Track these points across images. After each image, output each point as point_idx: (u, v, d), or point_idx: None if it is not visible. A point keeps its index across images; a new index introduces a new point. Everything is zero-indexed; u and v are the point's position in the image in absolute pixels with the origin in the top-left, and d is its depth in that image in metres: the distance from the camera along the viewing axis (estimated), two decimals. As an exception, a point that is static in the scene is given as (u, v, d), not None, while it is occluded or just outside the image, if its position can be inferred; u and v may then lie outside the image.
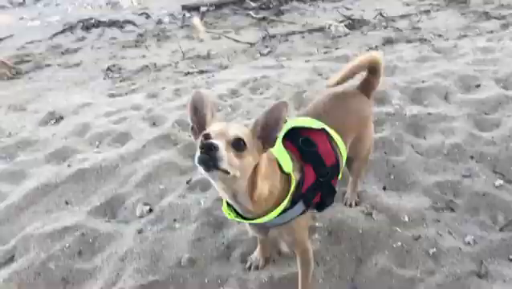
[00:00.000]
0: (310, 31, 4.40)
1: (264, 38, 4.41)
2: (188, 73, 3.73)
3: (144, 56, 4.36)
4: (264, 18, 5.10)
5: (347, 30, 4.24)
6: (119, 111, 3.10)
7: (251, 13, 5.31)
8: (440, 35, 3.88)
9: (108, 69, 4.09)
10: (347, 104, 1.76)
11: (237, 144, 1.20)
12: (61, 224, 2.07)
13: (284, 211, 1.40)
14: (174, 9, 5.82)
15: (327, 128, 1.59)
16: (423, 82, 3.01)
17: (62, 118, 3.14)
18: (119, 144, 2.74)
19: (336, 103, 1.75)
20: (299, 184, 1.43)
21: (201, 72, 3.72)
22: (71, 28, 5.32)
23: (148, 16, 5.66)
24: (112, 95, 3.45)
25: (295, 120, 1.60)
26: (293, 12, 5.24)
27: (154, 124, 2.90)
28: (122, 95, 3.44)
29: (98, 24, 5.34)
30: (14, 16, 5.97)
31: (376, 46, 3.85)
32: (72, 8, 6.02)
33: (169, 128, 2.79)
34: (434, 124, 2.56)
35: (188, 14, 5.52)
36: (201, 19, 5.30)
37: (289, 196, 1.40)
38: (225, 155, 1.15)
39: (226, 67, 3.79)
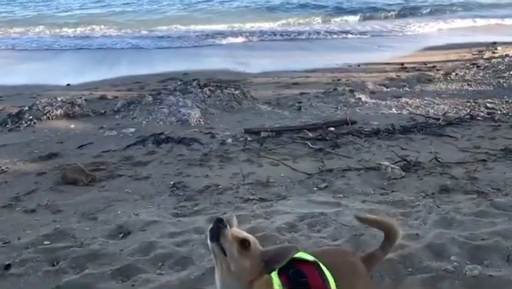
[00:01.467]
0: (367, 170, 4.59)
1: (321, 171, 4.64)
2: (248, 200, 3.95)
3: (207, 176, 4.68)
4: (320, 150, 5.41)
5: (402, 173, 4.39)
6: (182, 232, 3.28)
7: (308, 143, 5.66)
8: (498, 189, 3.93)
9: (174, 186, 4.42)
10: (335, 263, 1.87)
11: (243, 243, 1.49)
12: None
13: None
14: (237, 131, 6.32)
15: (320, 263, 1.76)
16: (482, 240, 2.99)
17: (129, 233, 3.36)
18: (181, 267, 2.86)
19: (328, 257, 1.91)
20: None
21: (261, 200, 3.93)
22: (143, 141, 5.88)
23: (213, 136, 6.17)
24: (176, 215, 3.68)
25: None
26: (348, 146, 5.53)
27: (214, 250, 3.03)
28: (186, 215, 3.67)
29: (168, 140, 5.89)
30: (95, 125, 6.73)
31: (433, 194, 3.94)
32: (146, 122, 6.71)
33: (228, 258, 2.90)
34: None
35: (249, 138, 5.97)
36: (261, 144, 5.70)
37: None
38: (230, 236, 1.45)
39: (284, 198, 3.98)
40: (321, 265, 1.76)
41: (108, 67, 12.07)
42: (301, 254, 1.77)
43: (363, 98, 8.17)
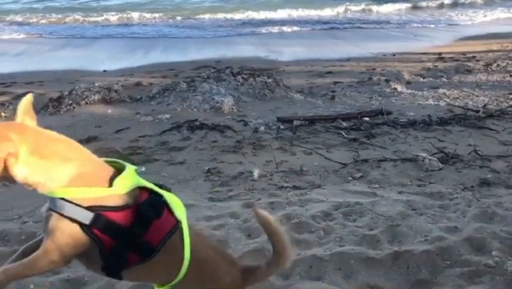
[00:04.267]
0: (403, 160, 4.51)
1: (356, 161, 4.60)
2: (282, 187, 3.97)
3: (240, 163, 4.73)
4: (355, 140, 5.35)
5: (440, 165, 4.30)
6: (218, 216, 3.34)
7: (342, 132, 5.61)
8: (542, 184, 3.78)
9: (208, 171, 4.49)
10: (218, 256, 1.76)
11: None
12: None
13: None
14: (269, 119, 6.33)
15: (185, 228, 1.60)
16: (526, 236, 2.90)
17: (167, 215, 3.45)
18: (217, 250, 2.92)
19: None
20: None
21: (295, 188, 3.94)
22: (178, 127, 5.98)
23: (245, 123, 6.21)
24: (212, 199, 3.75)
25: (172, 198, 1.64)
26: (384, 136, 5.44)
27: (249, 235, 3.08)
28: (221, 200, 3.73)
29: (202, 126, 5.96)
30: (131, 110, 6.89)
31: (472, 187, 3.84)
32: (181, 109, 6.81)
33: (264, 243, 2.93)
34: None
35: (282, 126, 5.97)
36: (294, 133, 5.69)
37: None
38: None
39: (319, 186, 3.98)
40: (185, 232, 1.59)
41: (143, 54, 12.31)
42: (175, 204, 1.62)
43: (399, 88, 8.00)
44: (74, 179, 1.50)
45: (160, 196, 1.60)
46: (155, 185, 1.65)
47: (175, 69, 10.13)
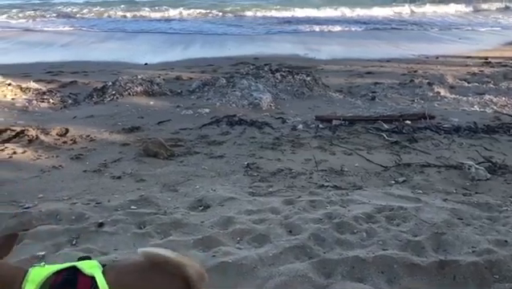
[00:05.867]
0: (447, 167, 4.38)
1: (398, 164, 4.50)
2: (323, 186, 3.94)
3: (279, 159, 4.72)
4: (396, 143, 5.23)
5: (487, 174, 4.14)
6: (258, 211, 3.36)
7: (384, 134, 5.50)
8: None
9: (248, 166, 4.51)
10: (151, 275, 1.72)
11: None
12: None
13: None
14: (308, 118, 6.29)
15: (99, 279, 1.67)
16: None
17: (208, 207, 3.50)
18: (258, 244, 2.94)
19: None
20: None
21: (335, 188, 3.90)
22: (217, 122, 6.04)
23: (283, 121, 6.20)
24: (252, 194, 3.77)
25: (84, 262, 1.76)
26: (426, 141, 5.30)
27: (290, 231, 3.08)
28: (261, 195, 3.74)
29: (240, 122, 6.00)
30: (172, 103, 7.02)
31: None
32: (220, 104, 6.87)
33: (305, 240, 2.93)
34: None
35: (321, 125, 5.92)
36: (333, 132, 5.63)
37: None
38: None
39: (360, 188, 3.92)
40: (99, 281, 1.69)
41: (182, 49, 12.51)
42: (87, 267, 1.73)
43: (442, 92, 7.75)
44: None
45: (72, 267, 1.74)
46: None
47: (213, 64, 10.23)
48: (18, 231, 3.13)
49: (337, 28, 15.59)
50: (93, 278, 1.70)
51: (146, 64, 10.42)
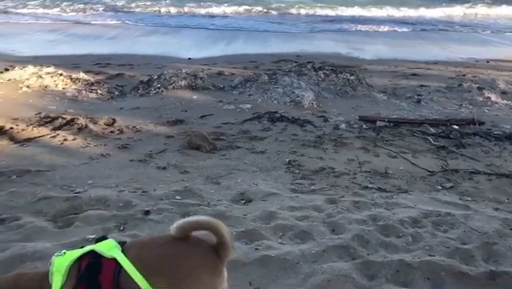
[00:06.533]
0: (498, 176, 4.20)
1: (445, 170, 4.36)
2: (367, 187, 3.88)
3: (321, 158, 4.69)
4: (443, 147, 5.07)
5: (544, 185, 3.93)
6: (301, 208, 3.35)
7: (430, 138, 5.34)
8: None
9: (289, 163, 4.51)
10: (176, 247, 1.77)
11: None
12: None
13: None
14: (351, 117, 6.20)
15: (121, 260, 1.71)
16: None
17: (250, 200, 3.53)
18: (301, 240, 2.93)
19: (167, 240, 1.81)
20: None
21: (380, 190, 3.83)
22: (258, 118, 6.07)
23: (326, 119, 6.14)
24: (294, 190, 3.76)
25: (101, 244, 1.80)
26: (475, 147, 5.10)
27: (333, 230, 3.05)
28: (303, 192, 3.73)
29: (282, 119, 5.99)
30: (214, 98, 7.11)
31: None
32: (261, 100, 6.90)
33: (349, 240, 2.89)
34: None
35: (364, 126, 5.81)
36: (377, 134, 5.52)
37: None
38: None
39: (405, 191, 3.83)
40: (122, 262, 1.72)
41: (225, 45, 12.62)
42: (106, 249, 1.76)
43: (493, 97, 7.43)
44: None
45: (91, 251, 1.78)
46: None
47: (255, 61, 10.27)
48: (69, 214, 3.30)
49: (382, 28, 15.24)
50: (115, 260, 1.73)
51: (190, 59, 10.59)
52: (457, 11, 18.39)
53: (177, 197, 3.50)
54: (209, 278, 1.77)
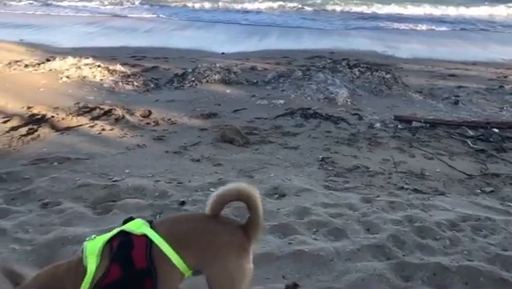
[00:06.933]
0: (544, 183, 4.03)
1: (484, 174, 4.22)
2: (402, 188, 3.80)
3: (355, 156, 4.63)
4: (482, 151, 4.91)
5: None
6: (335, 205, 3.32)
7: (468, 141, 5.18)
8: None
9: (323, 160, 4.48)
10: (206, 224, 1.84)
11: None
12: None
13: None
14: (386, 116, 6.09)
15: (152, 235, 1.76)
16: None
17: (284, 195, 3.53)
18: (334, 237, 2.91)
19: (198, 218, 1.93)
20: (101, 278, 1.72)
21: (416, 191, 3.75)
22: (291, 113, 6.05)
23: (360, 117, 6.05)
24: (328, 187, 3.74)
25: (130, 224, 1.84)
26: (517, 152, 4.91)
27: (368, 230, 3.01)
28: (337, 190, 3.70)
29: (315, 115, 5.95)
30: (247, 92, 7.14)
31: None
32: (295, 96, 6.87)
33: (384, 240, 2.85)
34: None
35: (400, 126, 5.70)
36: (413, 134, 5.40)
37: (85, 286, 1.71)
38: None
39: (443, 194, 3.73)
40: (153, 238, 1.76)
41: (258, 40, 12.64)
42: (135, 227, 1.80)
43: (537, 101, 7.12)
44: None
45: (121, 231, 1.83)
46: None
47: (288, 57, 10.23)
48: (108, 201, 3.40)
49: (420, 26, 14.86)
50: (146, 236, 1.78)
51: (223, 53, 10.67)
52: (499, 11, 17.69)
53: (211, 189, 3.53)
54: (236, 257, 1.82)
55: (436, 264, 2.62)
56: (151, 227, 1.82)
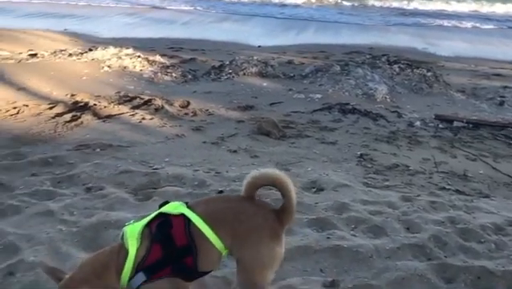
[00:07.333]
0: None
1: (533, 177, 4.04)
2: (444, 188, 3.70)
3: (395, 154, 4.54)
4: (530, 153, 4.69)
5: None
6: (374, 202, 3.27)
7: (514, 143, 4.97)
8: None
9: (361, 156, 4.41)
10: (241, 205, 1.88)
11: None
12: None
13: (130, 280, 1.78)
14: (426, 115, 5.93)
15: (189, 214, 1.81)
16: None
17: (322, 190, 3.51)
18: (374, 235, 2.87)
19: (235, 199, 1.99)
20: (143, 258, 1.78)
21: (458, 192, 3.64)
22: (329, 108, 5.98)
23: (399, 115, 5.92)
24: (367, 184, 3.68)
25: (166, 206, 1.90)
26: None
27: (408, 229, 2.95)
28: (376, 187, 3.64)
29: (353, 111, 5.87)
30: (284, 86, 7.11)
31: None
32: (332, 91, 6.79)
33: (425, 240, 2.78)
34: None
35: (441, 125, 5.53)
36: (455, 134, 5.23)
37: (128, 267, 1.77)
38: None
39: (487, 196, 3.60)
40: (191, 216, 1.81)
41: (295, 34, 12.55)
42: (172, 209, 1.86)
43: None
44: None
45: (160, 214, 1.88)
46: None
47: (326, 51, 10.10)
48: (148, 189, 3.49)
49: (464, 24, 14.32)
50: (183, 215, 1.83)
51: (260, 47, 10.66)
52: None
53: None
54: (268, 240, 1.86)
55: (481, 268, 2.54)
56: (187, 207, 1.88)
